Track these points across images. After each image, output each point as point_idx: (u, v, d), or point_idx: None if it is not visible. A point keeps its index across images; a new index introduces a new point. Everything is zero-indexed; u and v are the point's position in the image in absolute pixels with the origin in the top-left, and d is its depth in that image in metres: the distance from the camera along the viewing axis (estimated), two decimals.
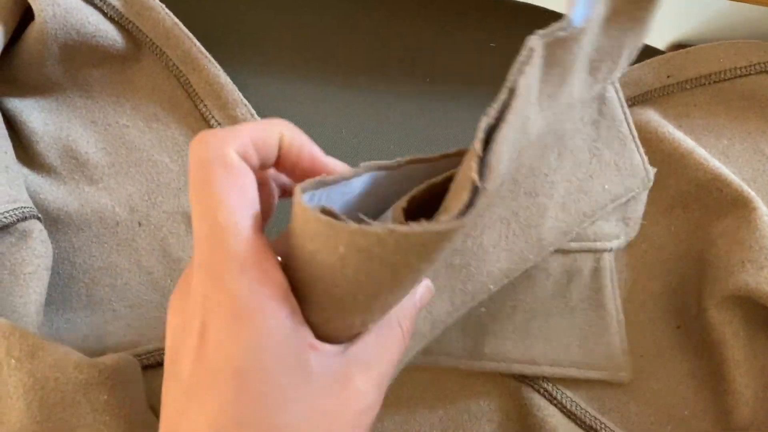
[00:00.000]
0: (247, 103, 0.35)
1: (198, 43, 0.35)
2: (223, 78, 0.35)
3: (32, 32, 0.33)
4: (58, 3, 0.33)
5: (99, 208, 0.34)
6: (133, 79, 0.36)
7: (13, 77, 0.35)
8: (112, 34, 0.35)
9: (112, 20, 0.35)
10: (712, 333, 0.32)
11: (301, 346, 0.19)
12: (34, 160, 0.35)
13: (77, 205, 0.34)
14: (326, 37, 0.39)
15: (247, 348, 0.18)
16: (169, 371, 0.20)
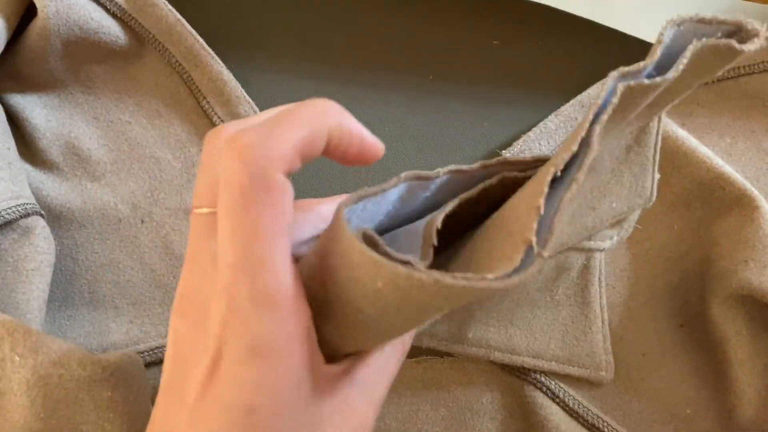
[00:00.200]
0: (250, 100, 0.35)
1: (201, 40, 0.35)
2: (226, 74, 0.35)
3: (35, 28, 0.33)
4: None
5: (101, 204, 0.34)
6: (135, 75, 0.36)
7: (15, 73, 0.34)
8: (114, 30, 0.35)
9: (114, 16, 0.35)
10: (714, 331, 0.32)
11: (315, 381, 0.19)
12: (37, 157, 0.34)
13: (80, 201, 0.34)
14: (329, 33, 0.38)
15: (262, 386, 0.17)
16: (170, 384, 0.20)
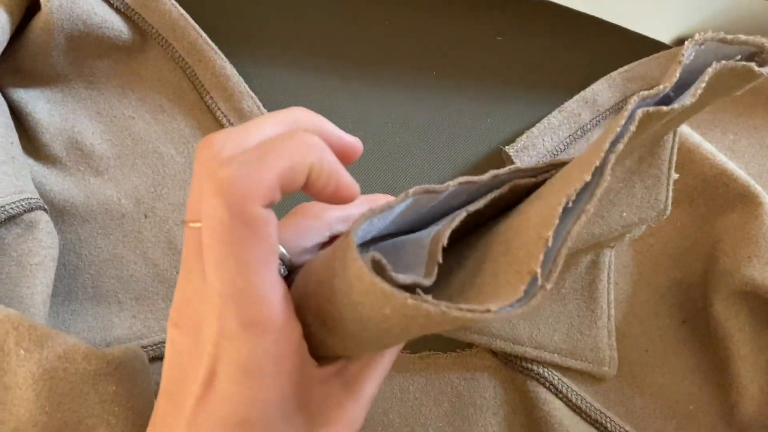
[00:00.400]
0: (253, 95, 0.35)
1: (204, 35, 0.35)
2: (229, 69, 0.35)
3: (38, 22, 0.33)
4: None
5: (105, 199, 0.34)
6: (138, 70, 0.36)
7: (18, 68, 0.34)
8: (118, 25, 0.35)
9: (118, 11, 0.35)
10: (717, 328, 0.32)
11: (306, 388, 0.20)
12: (40, 151, 0.34)
13: (83, 196, 0.34)
14: (332, 29, 0.38)
15: (254, 402, 0.18)
16: (168, 389, 0.20)
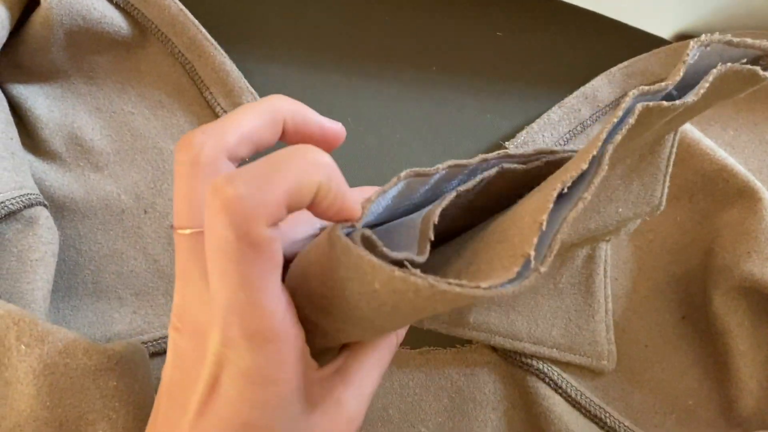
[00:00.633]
0: (253, 91, 0.35)
1: (204, 30, 0.35)
2: (229, 65, 0.35)
3: (38, 18, 0.33)
4: None
5: (104, 195, 0.34)
6: (138, 65, 0.36)
7: (18, 63, 0.34)
8: (117, 20, 0.35)
9: (117, 6, 0.35)
10: (716, 323, 0.32)
11: (307, 391, 0.20)
12: (40, 147, 0.34)
13: (83, 192, 0.34)
14: (332, 25, 0.38)
15: (258, 406, 0.18)
16: (171, 389, 0.21)
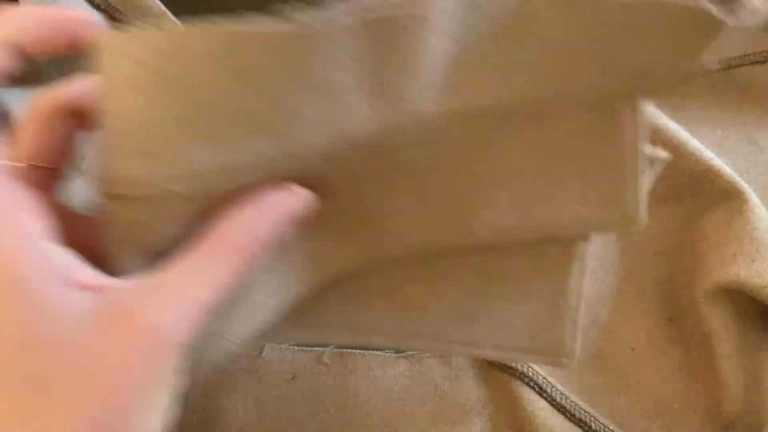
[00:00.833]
0: None
1: None
2: None
3: None
4: None
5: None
6: None
7: None
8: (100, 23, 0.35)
9: (98, 8, 0.35)
10: (702, 326, 0.32)
11: (62, 290, 0.17)
12: None
13: None
14: None
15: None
16: None
